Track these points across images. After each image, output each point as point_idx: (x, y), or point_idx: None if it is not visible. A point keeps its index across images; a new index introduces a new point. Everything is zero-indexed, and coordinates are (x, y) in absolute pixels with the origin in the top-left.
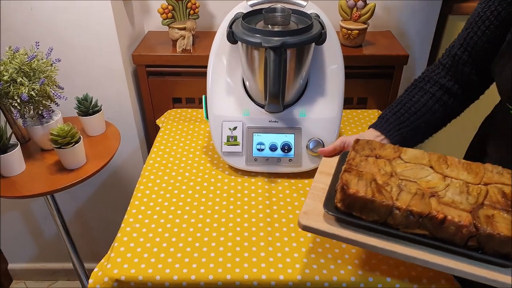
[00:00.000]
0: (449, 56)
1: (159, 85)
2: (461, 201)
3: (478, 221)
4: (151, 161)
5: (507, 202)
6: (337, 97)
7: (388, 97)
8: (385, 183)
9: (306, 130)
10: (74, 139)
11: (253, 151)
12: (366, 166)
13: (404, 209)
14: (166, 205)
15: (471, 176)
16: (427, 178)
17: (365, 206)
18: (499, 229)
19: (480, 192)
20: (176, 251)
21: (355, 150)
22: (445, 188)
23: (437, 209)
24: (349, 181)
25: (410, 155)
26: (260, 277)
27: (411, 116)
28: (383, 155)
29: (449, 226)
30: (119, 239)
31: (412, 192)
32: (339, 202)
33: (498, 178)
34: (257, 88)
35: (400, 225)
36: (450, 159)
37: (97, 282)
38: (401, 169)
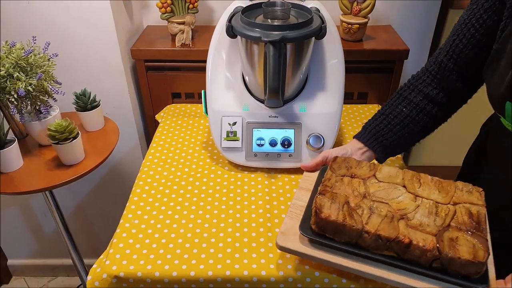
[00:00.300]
0: (435, 63)
1: (158, 80)
2: (429, 223)
3: (441, 245)
4: (150, 157)
5: (472, 223)
6: (338, 92)
7: (389, 91)
8: (357, 206)
9: (306, 125)
10: (72, 134)
11: (253, 147)
12: (341, 187)
13: (372, 233)
14: (165, 201)
15: (441, 195)
16: (398, 198)
17: (337, 229)
18: (460, 253)
19: (448, 213)
20: (175, 247)
21: (331, 169)
22: (415, 209)
23: (403, 234)
24: (322, 204)
25: (385, 173)
26: (260, 273)
27: (394, 128)
28: (358, 174)
29: (414, 250)
30: (118, 235)
31: (382, 215)
32: (313, 224)
33: (467, 197)
34: (257, 83)
35: (370, 247)
36: (423, 177)
37: (95, 279)
38: (374, 190)
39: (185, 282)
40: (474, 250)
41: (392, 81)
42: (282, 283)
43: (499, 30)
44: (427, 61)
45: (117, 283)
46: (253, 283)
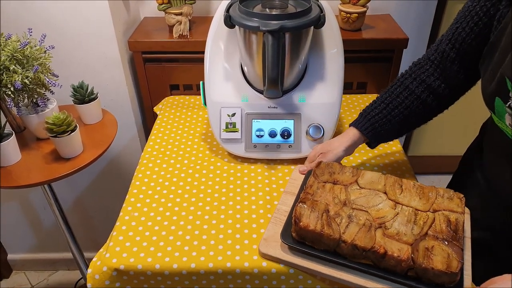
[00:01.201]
0: (437, 52)
1: (156, 72)
2: (406, 232)
3: (416, 255)
4: (149, 149)
5: (450, 231)
6: (337, 82)
7: (388, 81)
8: (336, 214)
9: (305, 115)
10: (70, 127)
11: (252, 138)
12: (322, 194)
13: (349, 243)
14: (165, 193)
15: (422, 202)
16: (378, 206)
17: (315, 238)
18: (434, 263)
19: (427, 221)
20: (176, 239)
21: (314, 175)
22: (394, 217)
23: (379, 244)
24: (302, 213)
25: (367, 179)
26: (261, 264)
27: (393, 118)
28: (341, 180)
29: (389, 260)
30: (118, 228)
31: (360, 224)
32: (294, 232)
33: (447, 204)
34: (256, 73)
35: (348, 255)
36: (405, 183)
37: (96, 272)
38: (355, 197)
39: (186, 274)
40: (448, 260)
41: (391, 70)
42: (283, 274)
43: (495, 20)
44: (429, 49)
45: (118, 276)
46: (254, 275)
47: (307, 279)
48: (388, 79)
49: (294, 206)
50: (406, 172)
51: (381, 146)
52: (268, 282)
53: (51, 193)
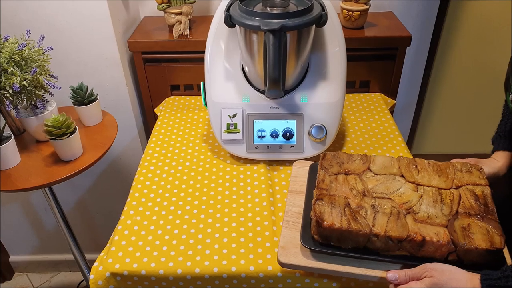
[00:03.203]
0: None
1: (156, 72)
2: (436, 213)
3: (455, 236)
4: (150, 151)
5: (480, 206)
6: (339, 81)
7: (391, 79)
8: (359, 206)
9: (308, 115)
10: (69, 129)
11: (254, 139)
12: (337, 188)
13: (382, 235)
14: (167, 196)
15: (442, 179)
16: (399, 191)
17: (342, 236)
18: (476, 242)
19: (453, 199)
20: (179, 244)
21: (323, 168)
22: (419, 200)
23: (414, 231)
24: (323, 212)
25: (380, 164)
26: (266, 268)
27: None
28: (352, 169)
29: (428, 246)
30: (120, 232)
31: (387, 213)
32: (315, 234)
33: (468, 178)
34: (257, 73)
35: (380, 249)
36: (419, 163)
37: (98, 278)
38: (372, 185)
39: (190, 279)
40: (490, 236)
41: (394, 68)
42: (289, 277)
43: None
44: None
45: (122, 281)
46: (260, 279)
47: (320, 284)
48: (391, 77)
49: (308, 206)
50: None
51: (385, 145)
52: (275, 285)
53: (52, 195)
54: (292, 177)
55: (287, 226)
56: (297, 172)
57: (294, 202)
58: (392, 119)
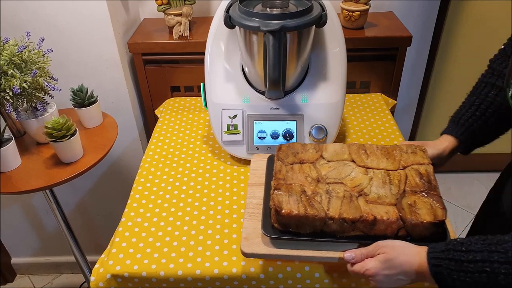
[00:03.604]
0: (509, 40)
1: (157, 74)
2: (386, 194)
3: (403, 213)
4: (151, 153)
5: (424, 183)
6: (340, 81)
7: (392, 79)
8: (314, 192)
9: (308, 116)
10: (69, 131)
11: (254, 140)
12: (293, 176)
13: (337, 218)
14: (168, 198)
15: (390, 161)
16: (351, 175)
17: (300, 222)
18: (422, 217)
19: (401, 179)
20: (179, 245)
21: (279, 159)
22: (369, 182)
23: (366, 211)
24: (281, 201)
25: (331, 152)
26: (267, 269)
27: (489, 119)
28: (306, 158)
29: (380, 225)
30: (120, 233)
31: (341, 197)
32: (276, 222)
33: (413, 158)
34: (257, 74)
35: (336, 232)
36: (368, 147)
37: (99, 280)
38: (326, 171)
39: (191, 281)
40: (433, 210)
41: (395, 68)
42: (289, 279)
43: None
44: (504, 45)
45: (122, 283)
46: (261, 280)
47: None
48: (391, 77)
49: (267, 196)
50: None
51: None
52: (275, 285)
53: (53, 197)
54: (252, 170)
55: (248, 218)
56: (256, 165)
57: (254, 194)
58: (392, 119)
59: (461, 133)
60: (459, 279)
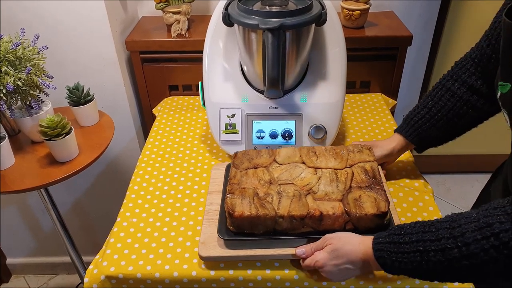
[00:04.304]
0: (477, 48)
1: (155, 72)
2: (333, 191)
3: (348, 207)
4: (147, 152)
5: (369, 179)
6: (339, 80)
7: (392, 79)
8: (266, 194)
9: (307, 116)
10: (64, 130)
11: (253, 139)
12: (247, 181)
13: (286, 216)
14: (164, 198)
15: (337, 161)
16: (301, 175)
17: (253, 223)
18: (365, 210)
19: (347, 176)
20: (176, 246)
21: (234, 166)
22: (317, 181)
23: (313, 207)
24: (234, 204)
25: (284, 156)
26: (264, 271)
27: (437, 122)
28: (260, 163)
29: (327, 219)
30: (115, 234)
31: (290, 196)
32: (230, 225)
33: (359, 156)
34: (256, 73)
35: (288, 230)
36: (318, 149)
37: (93, 281)
38: (278, 174)
39: (187, 283)
40: (376, 203)
41: (395, 68)
42: (287, 281)
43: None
44: (473, 46)
45: (117, 285)
46: (258, 282)
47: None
48: (392, 77)
49: (223, 201)
50: (411, 173)
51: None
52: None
53: (48, 197)
54: (212, 179)
55: (206, 224)
56: (216, 174)
57: (213, 201)
58: (393, 119)
59: (409, 134)
60: (397, 260)
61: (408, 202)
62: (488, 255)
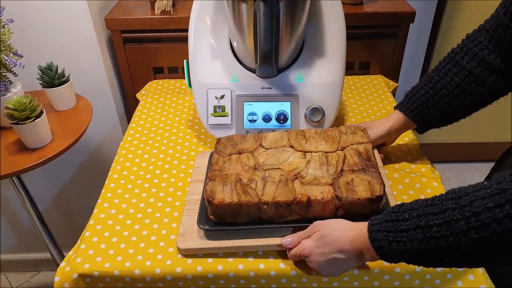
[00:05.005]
0: (493, 19)
1: (138, 53)
2: (322, 175)
3: (339, 191)
4: (129, 138)
5: (363, 161)
6: (338, 58)
7: (393, 60)
8: (250, 180)
9: (304, 96)
10: (34, 113)
11: (244, 123)
12: (230, 167)
13: (271, 202)
14: (147, 187)
15: (328, 144)
16: (288, 160)
17: (235, 211)
18: (358, 194)
19: (339, 159)
20: (158, 240)
21: (217, 151)
22: (306, 165)
23: (301, 193)
24: (214, 191)
25: (271, 140)
26: (258, 266)
27: (442, 99)
28: (245, 148)
29: (315, 205)
30: (91, 227)
31: (276, 181)
32: (211, 214)
33: (352, 138)
34: (246, 49)
35: (273, 218)
36: (307, 132)
37: (64, 280)
38: (263, 159)
39: (171, 280)
40: (371, 186)
41: (396, 47)
42: (284, 277)
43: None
44: (487, 19)
45: (92, 284)
46: (250, 278)
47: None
48: (393, 57)
49: (203, 189)
50: (417, 157)
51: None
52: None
53: (23, 188)
54: (195, 168)
55: (187, 214)
56: (200, 163)
57: (195, 191)
58: (395, 102)
59: (411, 111)
60: (395, 241)
61: (414, 189)
62: (501, 225)
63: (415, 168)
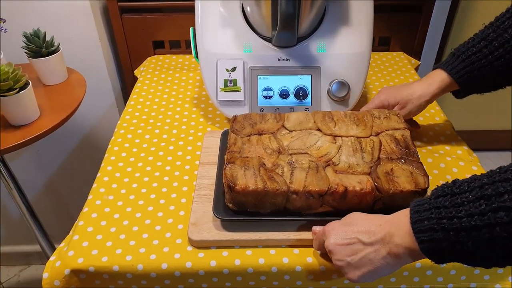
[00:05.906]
0: None
1: (136, 25)
2: (357, 162)
3: (379, 182)
4: (128, 117)
5: (401, 149)
6: (365, 26)
7: (416, 36)
8: (275, 165)
9: (326, 69)
10: (18, 84)
11: (259, 99)
12: (250, 149)
13: (302, 191)
14: (149, 171)
15: (360, 128)
16: (317, 144)
17: (259, 199)
18: (401, 185)
19: (374, 146)
20: (164, 230)
21: (234, 131)
22: (337, 151)
23: (335, 182)
24: (235, 175)
25: (294, 121)
26: (281, 261)
27: (496, 61)
28: (265, 128)
29: (352, 197)
30: (86, 215)
31: (305, 168)
32: (229, 202)
33: (387, 123)
34: (262, 14)
35: (302, 209)
36: (335, 114)
37: (55, 277)
38: (288, 142)
39: (180, 277)
40: (414, 178)
41: (420, 22)
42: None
43: None
44: None
45: (86, 281)
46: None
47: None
48: (416, 33)
49: (220, 174)
50: (452, 138)
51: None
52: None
53: (8, 174)
54: (204, 149)
55: (198, 200)
56: (209, 143)
57: (206, 174)
58: None
59: (457, 71)
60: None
61: (452, 174)
62: None
63: (450, 150)
